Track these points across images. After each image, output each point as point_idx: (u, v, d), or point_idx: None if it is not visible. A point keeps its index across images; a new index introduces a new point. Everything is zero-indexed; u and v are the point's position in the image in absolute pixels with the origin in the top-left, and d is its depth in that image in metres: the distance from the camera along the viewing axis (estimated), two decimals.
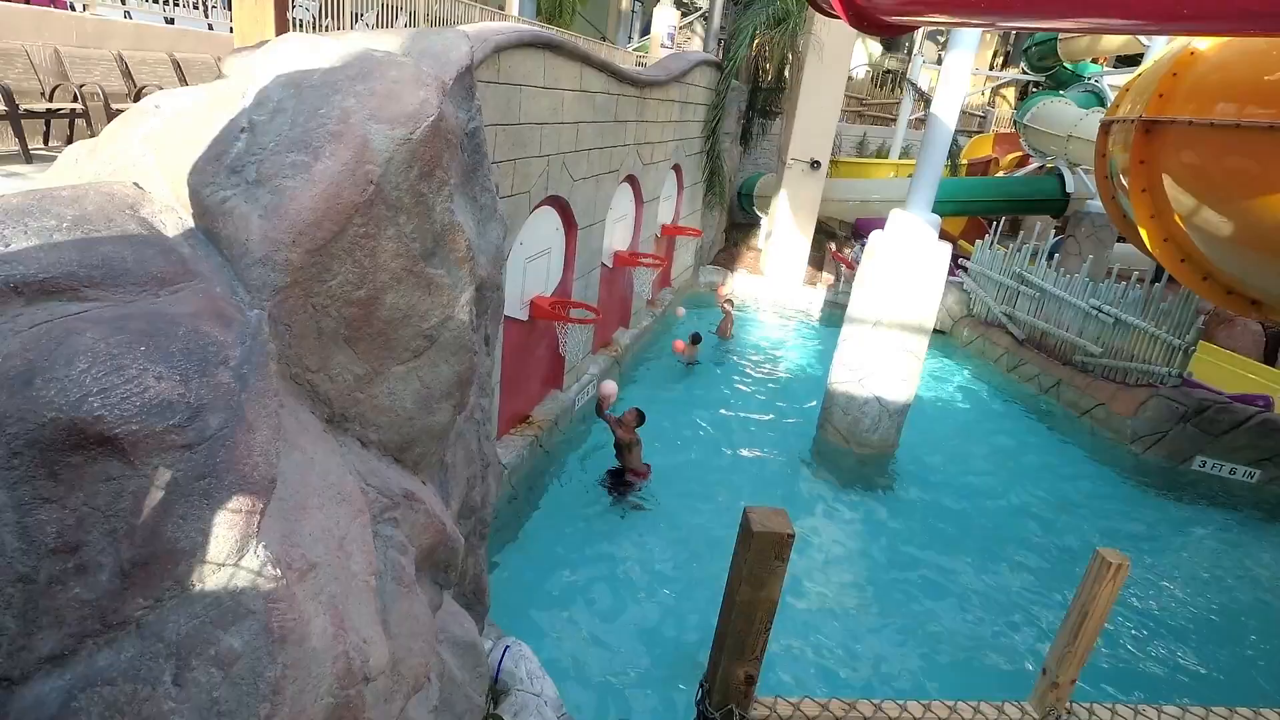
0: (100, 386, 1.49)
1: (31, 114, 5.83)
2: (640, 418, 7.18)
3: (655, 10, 14.37)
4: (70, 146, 2.37)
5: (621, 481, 7.14)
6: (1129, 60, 17.08)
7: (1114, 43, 14.58)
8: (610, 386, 7.59)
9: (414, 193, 2.24)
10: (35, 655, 1.45)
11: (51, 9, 6.86)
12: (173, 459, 1.54)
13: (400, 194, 2.20)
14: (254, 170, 2.03)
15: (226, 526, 1.59)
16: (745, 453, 8.41)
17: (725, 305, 11.86)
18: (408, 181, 2.21)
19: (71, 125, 6.60)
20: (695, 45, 17.59)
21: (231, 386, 1.67)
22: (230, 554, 1.59)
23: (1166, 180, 6.89)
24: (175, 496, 1.55)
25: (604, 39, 19.38)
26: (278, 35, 3.78)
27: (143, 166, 2.14)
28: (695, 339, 10.46)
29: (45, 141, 6.39)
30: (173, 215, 2.03)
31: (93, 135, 6.11)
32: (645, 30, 20.46)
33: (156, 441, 1.52)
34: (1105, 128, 8.32)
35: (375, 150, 2.11)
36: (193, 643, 1.53)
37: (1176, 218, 6.97)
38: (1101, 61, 16.49)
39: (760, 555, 3.75)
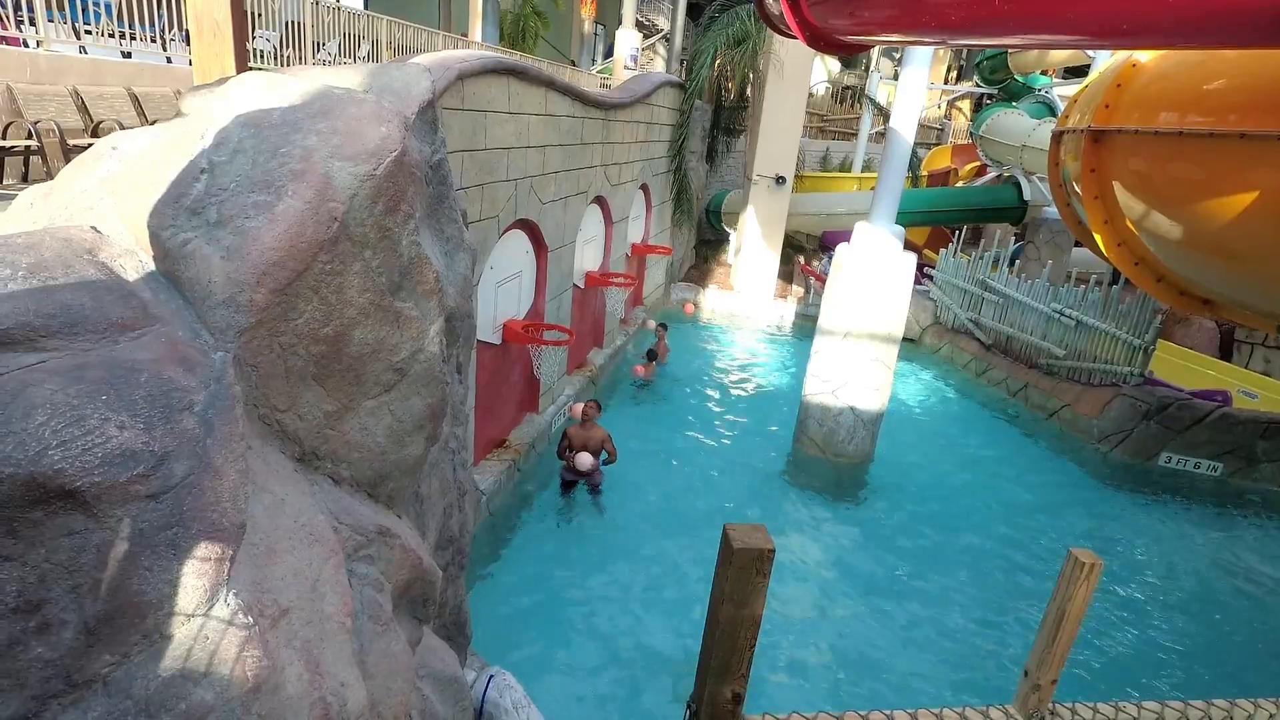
0: (60, 439, 1.46)
1: None
2: (597, 408, 7.30)
3: (618, 33, 14.57)
4: (25, 190, 2.32)
5: (594, 488, 7.20)
6: (1076, 71, 17.71)
7: (1061, 56, 15.10)
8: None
9: (379, 228, 2.24)
10: None
11: (4, 46, 6.72)
12: (137, 509, 1.51)
13: (365, 230, 2.20)
14: (215, 211, 2.01)
15: (195, 576, 1.56)
16: (723, 467, 8.44)
17: (658, 330, 11.25)
18: (372, 217, 2.21)
19: (26, 162, 6.47)
20: (658, 66, 17.84)
21: (196, 432, 1.64)
22: (200, 604, 1.56)
23: (1117, 187, 7.13)
24: (141, 548, 1.51)
25: (570, 63, 19.56)
26: (237, 70, 3.76)
27: (100, 210, 2.11)
28: (650, 355, 10.47)
29: None
30: (132, 259, 2.00)
31: (49, 172, 6.02)
32: (608, 53, 20.71)
33: (120, 492, 1.49)
34: (1057, 138, 8.59)
35: (338, 188, 2.11)
36: (163, 698, 1.49)
37: (1128, 223, 7.20)
38: (1050, 73, 17.04)
39: (742, 572, 3.76)
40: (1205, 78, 6.18)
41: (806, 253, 16.25)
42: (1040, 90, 15.84)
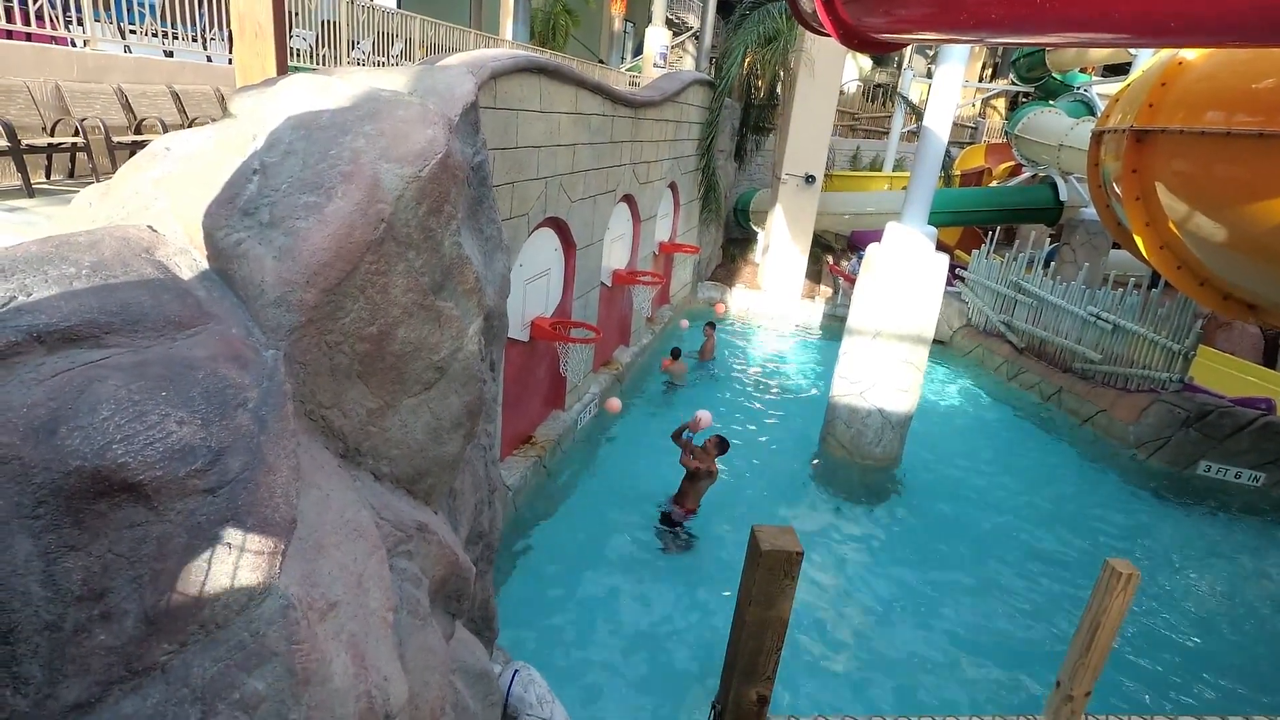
0: (123, 434, 1.51)
1: (33, 149, 5.88)
2: (723, 446, 6.80)
3: (647, 31, 14.56)
4: (84, 190, 2.39)
5: (670, 521, 6.89)
6: (1116, 70, 17.29)
7: (1101, 53, 14.76)
8: (706, 416, 7.31)
9: (423, 229, 2.27)
10: (61, 704, 1.46)
11: (52, 45, 6.92)
12: (195, 503, 1.56)
13: (410, 230, 2.23)
14: (267, 212, 2.06)
15: (249, 569, 1.60)
16: (749, 468, 8.41)
17: (706, 329, 11.60)
18: (417, 218, 2.24)
19: (73, 159, 6.65)
20: (688, 64, 17.79)
21: (251, 428, 1.69)
22: (253, 596, 1.60)
23: (1159, 188, 6.96)
24: (198, 540, 1.56)
25: (599, 61, 19.60)
26: (278, 70, 3.84)
27: (156, 209, 2.17)
28: (675, 354, 10.42)
29: (47, 175, 6.44)
30: (187, 258, 2.06)
31: (94, 169, 6.19)
32: (638, 51, 20.70)
33: (179, 487, 1.54)
34: (1097, 137, 8.41)
35: (386, 189, 2.15)
36: (217, 687, 1.54)
37: (1171, 225, 7.03)
38: (1089, 71, 16.66)
39: (769, 574, 3.75)
40: (1254, 76, 6.01)
41: (835, 252, 16.11)
42: (1078, 88, 15.51)
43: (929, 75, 11.44)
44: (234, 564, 1.59)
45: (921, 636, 5.84)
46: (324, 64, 9.52)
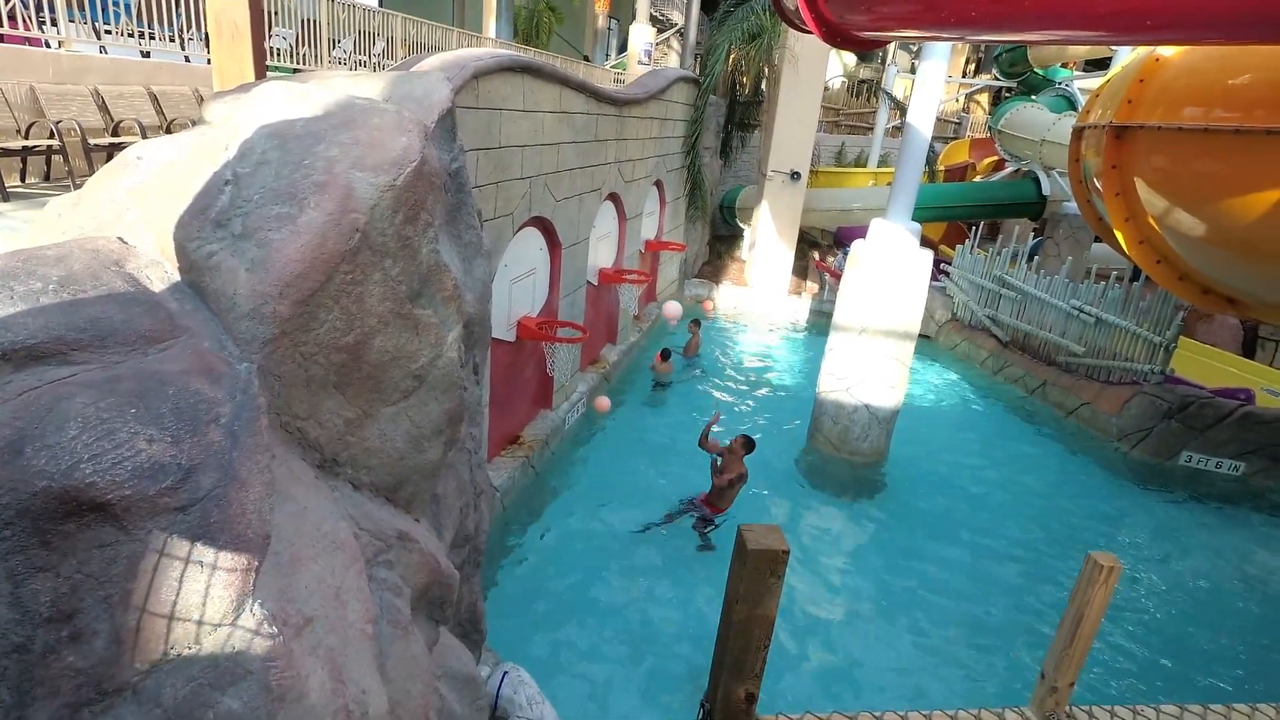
0: (91, 452, 1.49)
1: (8, 152, 5.80)
2: (749, 445, 6.82)
3: (631, 28, 14.51)
4: (54, 200, 2.36)
5: (703, 519, 6.92)
6: (1098, 64, 17.41)
7: (1082, 50, 14.86)
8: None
9: (399, 237, 2.25)
10: None
11: (26, 46, 6.81)
12: (166, 522, 1.54)
13: (386, 239, 2.22)
14: (240, 223, 2.04)
15: (222, 587, 1.59)
16: None
17: (691, 326, 11.60)
18: (393, 227, 2.23)
19: (48, 162, 6.56)
20: (672, 61, 17.75)
21: (223, 444, 1.67)
22: (226, 614, 1.59)
23: (1139, 184, 7.02)
24: (170, 559, 1.54)
25: (583, 58, 19.53)
26: (256, 72, 3.80)
27: (127, 220, 2.14)
28: (665, 355, 10.42)
29: (22, 179, 6.36)
30: (159, 270, 2.03)
31: (70, 171, 6.10)
32: (622, 48, 20.63)
33: (149, 505, 1.52)
34: (1078, 133, 8.47)
35: (360, 198, 2.13)
36: (190, 706, 1.53)
37: (1150, 220, 7.10)
38: (1071, 66, 16.77)
39: (756, 573, 3.76)
40: (1231, 73, 6.07)
41: (821, 249, 16.16)
42: (1060, 84, 15.59)
43: (913, 71, 11.48)
44: (206, 582, 1.58)
45: (908, 631, 5.89)
46: (304, 63, 9.43)
